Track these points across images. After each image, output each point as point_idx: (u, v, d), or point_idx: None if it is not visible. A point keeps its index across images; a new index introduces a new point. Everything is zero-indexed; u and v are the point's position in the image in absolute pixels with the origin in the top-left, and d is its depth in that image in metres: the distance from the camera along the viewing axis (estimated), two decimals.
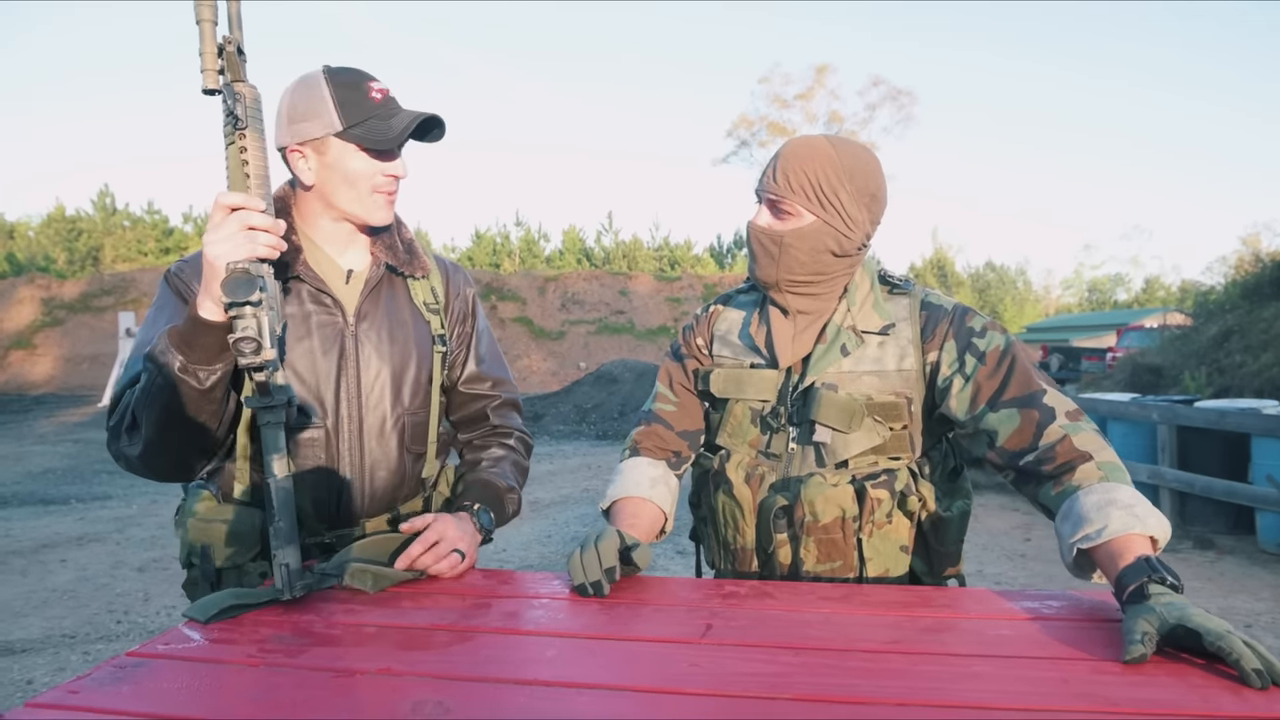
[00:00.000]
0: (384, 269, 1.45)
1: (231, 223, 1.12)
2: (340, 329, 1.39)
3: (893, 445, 1.36)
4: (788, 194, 1.33)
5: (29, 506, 7.15)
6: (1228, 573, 4.95)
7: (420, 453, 1.50)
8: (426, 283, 1.51)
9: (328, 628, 1.05)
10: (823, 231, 1.33)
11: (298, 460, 1.36)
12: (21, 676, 3.46)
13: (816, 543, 1.33)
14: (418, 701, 0.82)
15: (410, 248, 1.50)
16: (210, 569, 1.35)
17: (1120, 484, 1.13)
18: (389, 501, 1.46)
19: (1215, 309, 9.28)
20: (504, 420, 1.61)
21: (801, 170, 1.32)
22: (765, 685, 0.86)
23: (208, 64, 1.11)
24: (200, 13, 1.10)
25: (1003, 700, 0.82)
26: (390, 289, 1.47)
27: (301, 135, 1.33)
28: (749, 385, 1.42)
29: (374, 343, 1.41)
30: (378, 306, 1.44)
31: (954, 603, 1.15)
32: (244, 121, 1.14)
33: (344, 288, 1.43)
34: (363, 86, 1.34)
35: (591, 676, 0.89)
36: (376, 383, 1.41)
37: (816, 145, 1.35)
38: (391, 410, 1.43)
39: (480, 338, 1.60)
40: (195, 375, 1.16)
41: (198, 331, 1.15)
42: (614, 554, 1.20)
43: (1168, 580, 0.99)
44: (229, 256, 1.11)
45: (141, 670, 0.90)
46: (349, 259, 1.44)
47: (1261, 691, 0.82)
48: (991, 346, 1.31)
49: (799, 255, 1.34)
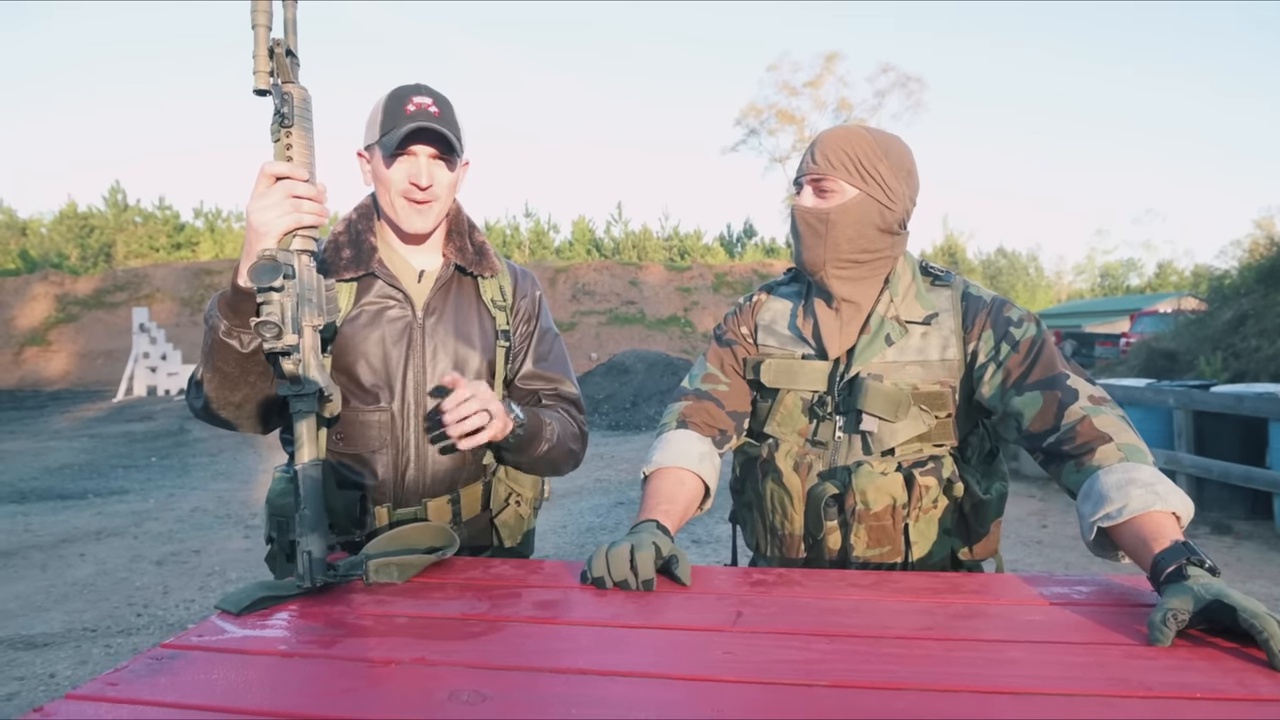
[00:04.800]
0: (453, 269, 1.55)
1: (276, 191, 1.16)
2: (409, 322, 1.50)
3: (937, 433, 1.38)
4: (829, 170, 1.37)
5: (47, 501, 7.20)
6: (1246, 558, 4.92)
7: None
8: (495, 282, 1.60)
9: (359, 619, 1.05)
10: (866, 205, 1.36)
11: (365, 440, 1.47)
12: (44, 670, 3.50)
13: (867, 530, 1.35)
14: (455, 690, 0.82)
15: (480, 249, 1.59)
16: (286, 542, 1.45)
17: (1141, 464, 1.13)
18: (449, 484, 1.53)
19: (1230, 293, 9.20)
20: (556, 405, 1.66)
21: (840, 148, 1.37)
22: (801, 672, 0.86)
23: (260, 65, 1.15)
24: (256, 18, 1.14)
25: (1039, 685, 0.82)
26: (459, 287, 1.56)
27: (364, 142, 1.49)
28: (800, 376, 1.44)
29: (440, 335, 1.51)
30: (446, 302, 1.54)
31: (984, 589, 1.15)
32: (290, 119, 1.18)
33: (415, 285, 1.53)
34: (405, 98, 1.43)
35: (627, 664, 0.89)
36: (441, 372, 1.50)
37: (851, 128, 1.41)
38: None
39: (541, 338, 1.65)
40: (239, 338, 1.26)
41: (239, 298, 1.24)
42: (651, 567, 1.15)
43: (1206, 563, 0.99)
44: (272, 223, 1.15)
45: (178, 662, 0.90)
46: (420, 260, 1.55)
47: None
48: (1026, 336, 1.34)
49: (846, 230, 1.37)
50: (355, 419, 1.46)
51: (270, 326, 1.13)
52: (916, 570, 1.33)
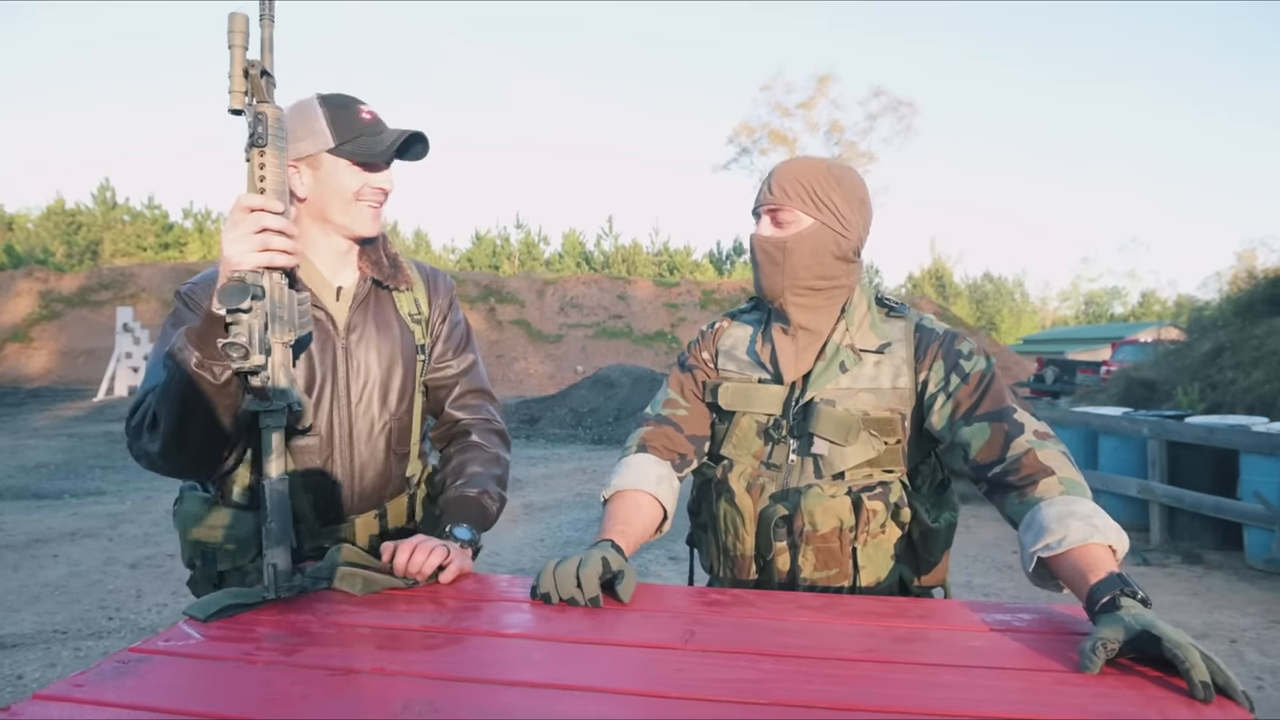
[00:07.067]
0: (370, 283, 1.54)
1: (247, 223, 1.18)
2: (332, 341, 1.49)
3: (886, 459, 1.42)
4: (785, 201, 1.42)
5: (22, 501, 7.16)
6: (1215, 588, 4.99)
7: (404, 453, 1.58)
8: (410, 294, 1.60)
9: (323, 628, 1.08)
10: (822, 233, 1.42)
11: (295, 464, 1.43)
12: (12, 671, 3.49)
13: (814, 551, 1.39)
14: (408, 700, 0.85)
15: (394, 262, 1.59)
16: (212, 571, 1.43)
17: (1081, 498, 1.18)
18: (377, 499, 1.55)
19: (1209, 325, 9.30)
20: (464, 411, 1.64)
21: (796, 179, 1.43)
22: (745, 691, 0.90)
23: (235, 86, 1.18)
24: (232, 38, 1.17)
25: (967, 708, 0.86)
26: (377, 302, 1.56)
27: (297, 153, 1.43)
28: (756, 399, 1.49)
29: (362, 353, 1.51)
30: (365, 319, 1.53)
31: (929, 614, 1.19)
32: (264, 139, 1.20)
33: (334, 303, 1.52)
34: (352, 108, 1.46)
35: (577, 679, 0.93)
36: (364, 391, 1.51)
37: (805, 160, 1.47)
38: (379, 415, 1.52)
39: (451, 329, 1.65)
40: (210, 370, 1.22)
41: (212, 328, 1.21)
42: (596, 584, 1.20)
43: (1138, 594, 1.03)
44: (244, 258, 1.17)
45: (144, 665, 0.93)
46: (339, 277, 1.53)
47: (1213, 705, 0.86)
48: (976, 369, 1.39)
49: (803, 258, 1.42)
50: (290, 445, 1.43)
51: (237, 348, 1.15)
52: (864, 594, 1.37)
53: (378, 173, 1.47)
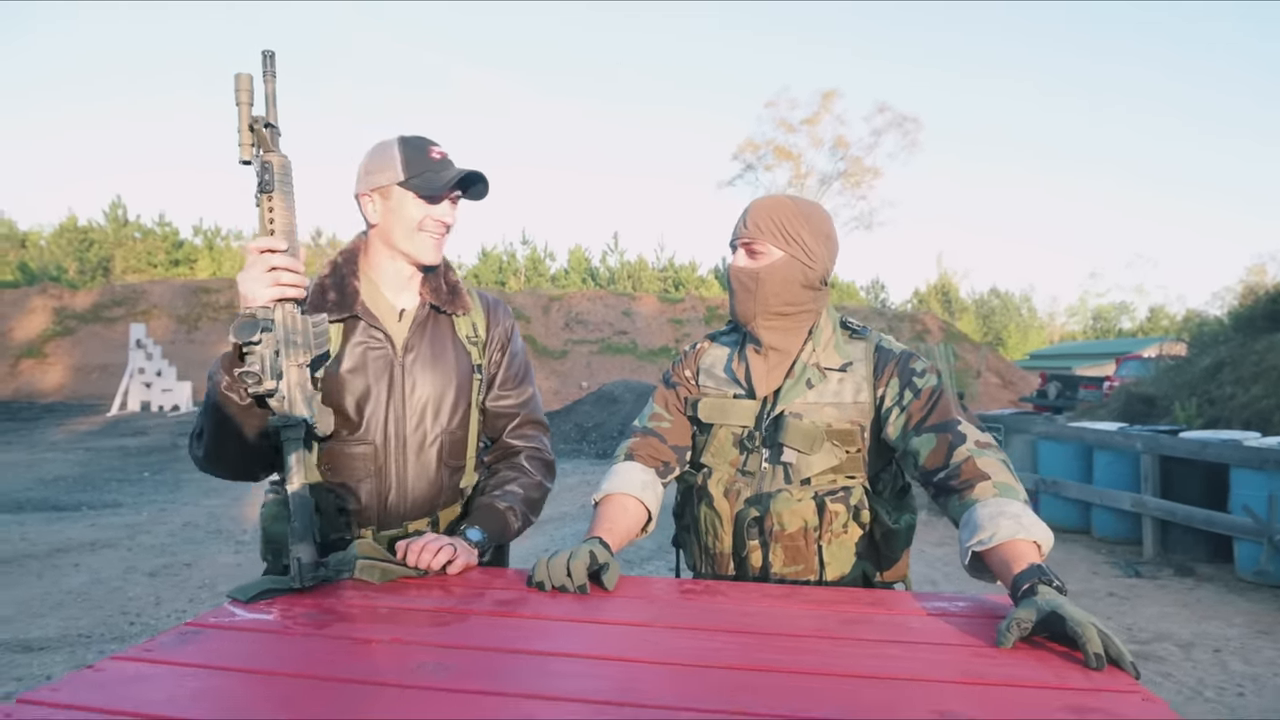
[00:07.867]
0: (429, 308, 1.70)
1: (260, 263, 1.35)
2: (390, 360, 1.64)
3: (848, 466, 1.59)
4: (758, 235, 1.59)
5: (42, 512, 7.36)
6: (1205, 599, 5.09)
7: (458, 466, 1.73)
8: (469, 319, 1.75)
9: (347, 608, 1.26)
10: (791, 265, 1.58)
11: (351, 470, 1.62)
12: (41, 672, 3.66)
13: (783, 549, 1.55)
14: (422, 662, 1.02)
15: (454, 289, 1.75)
16: (280, 566, 1.57)
17: (1012, 500, 1.33)
18: (429, 508, 1.69)
19: (1210, 340, 9.37)
20: (520, 439, 1.81)
21: (768, 216, 1.60)
22: (705, 657, 1.07)
23: (243, 139, 1.35)
24: (238, 96, 1.34)
25: (897, 673, 1.02)
26: (435, 325, 1.71)
27: (372, 184, 1.62)
28: (732, 413, 1.66)
29: (417, 372, 1.66)
30: (422, 340, 1.68)
31: (877, 601, 1.35)
32: (270, 185, 1.37)
33: (396, 324, 1.68)
34: (424, 147, 1.64)
35: (566, 648, 1.10)
36: (418, 406, 1.66)
37: (778, 198, 1.64)
38: (431, 429, 1.67)
39: (511, 361, 1.81)
40: (237, 392, 1.41)
41: (234, 354, 1.39)
42: (584, 574, 1.37)
43: (1054, 583, 1.19)
44: (258, 295, 1.35)
45: (201, 636, 1.11)
46: (402, 299, 1.70)
47: (1104, 673, 1.02)
48: (927, 385, 1.55)
49: (773, 287, 1.58)
50: (342, 451, 1.61)
51: (251, 375, 1.32)
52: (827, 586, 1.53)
53: (438, 205, 1.63)
